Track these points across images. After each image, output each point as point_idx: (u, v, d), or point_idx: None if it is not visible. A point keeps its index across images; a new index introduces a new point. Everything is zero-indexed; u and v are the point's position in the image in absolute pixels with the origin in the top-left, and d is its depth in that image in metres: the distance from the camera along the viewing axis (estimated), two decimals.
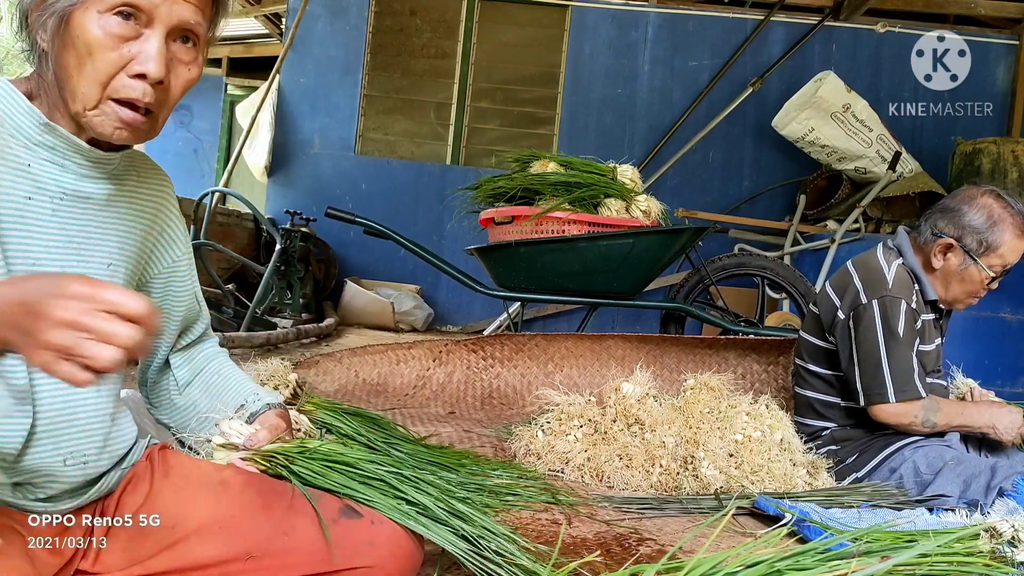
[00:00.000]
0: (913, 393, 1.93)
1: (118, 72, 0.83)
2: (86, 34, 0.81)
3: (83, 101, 0.84)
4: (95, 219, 0.92)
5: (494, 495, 1.68)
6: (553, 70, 6.27)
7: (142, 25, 0.83)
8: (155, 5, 0.83)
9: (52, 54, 0.84)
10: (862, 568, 0.90)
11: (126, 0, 0.81)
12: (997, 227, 1.95)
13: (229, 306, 4.24)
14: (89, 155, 0.89)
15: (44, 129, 0.86)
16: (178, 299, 1.11)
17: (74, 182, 0.89)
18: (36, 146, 0.86)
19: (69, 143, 0.87)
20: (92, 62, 0.82)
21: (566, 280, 3.38)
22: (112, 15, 0.81)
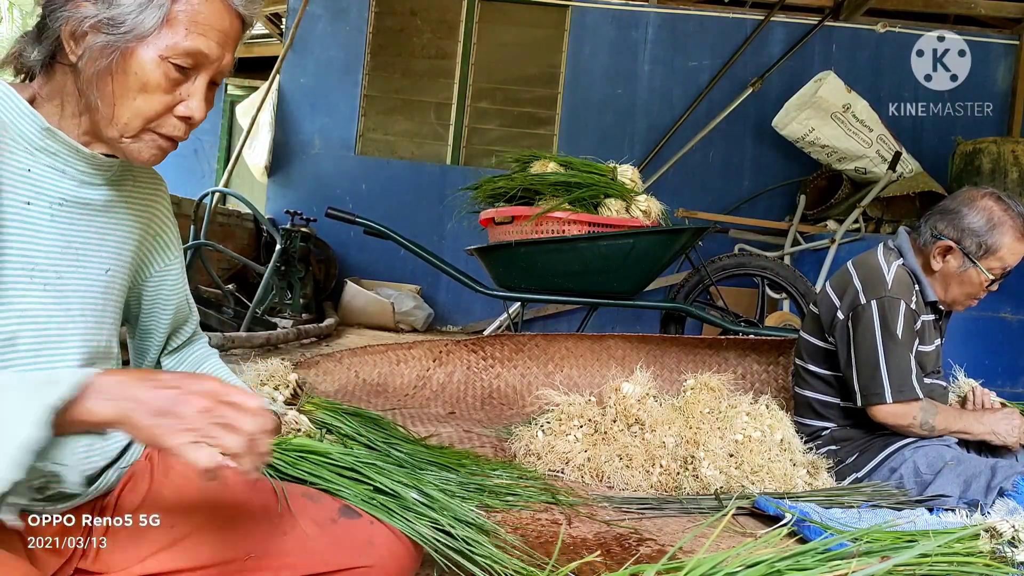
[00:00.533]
0: (910, 394, 1.93)
1: (167, 113, 0.87)
2: (145, 73, 0.84)
3: (122, 130, 0.86)
4: (93, 225, 0.92)
5: (494, 495, 1.68)
6: (553, 70, 6.27)
7: (191, 70, 0.87)
8: (216, 58, 0.88)
9: (90, 73, 0.84)
10: (862, 568, 0.90)
11: (194, 52, 0.85)
12: (997, 230, 1.94)
13: (229, 306, 4.24)
14: (91, 161, 0.89)
15: (45, 134, 0.86)
16: (169, 301, 1.11)
17: (74, 188, 0.89)
18: (37, 151, 0.86)
19: (70, 149, 0.87)
20: (144, 99, 0.85)
21: (566, 280, 3.38)
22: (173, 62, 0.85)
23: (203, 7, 0.85)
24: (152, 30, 0.83)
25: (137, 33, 0.83)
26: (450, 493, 1.22)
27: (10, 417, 0.66)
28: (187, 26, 0.84)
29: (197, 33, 0.85)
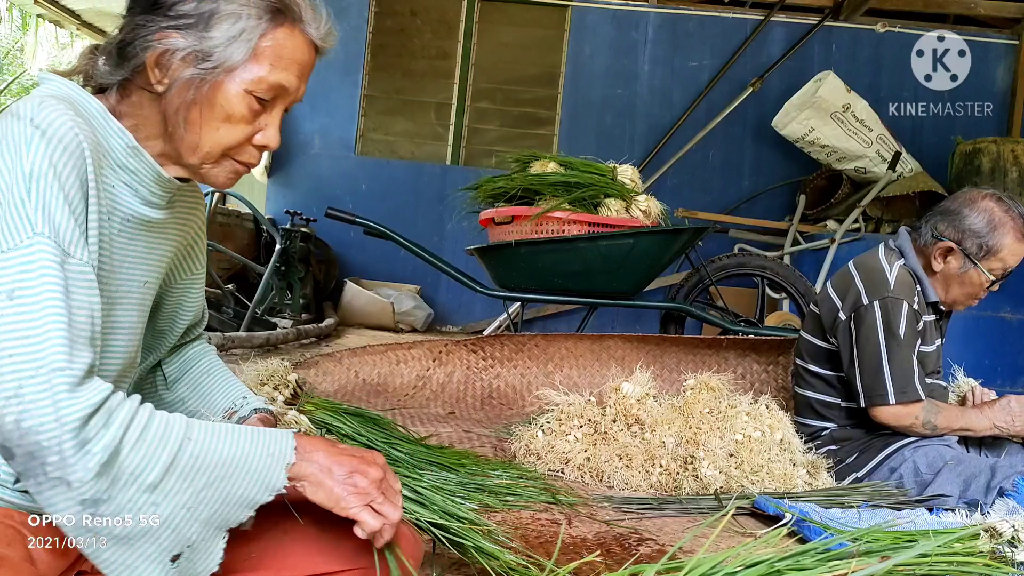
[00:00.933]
0: (913, 395, 1.93)
1: (246, 142, 0.91)
2: (231, 105, 0.87)
3: (203, 157, 0.89)
4: (145, 242, 0.93)
5: (494, 495, 1.68)
6: (553, 70, 6.27)
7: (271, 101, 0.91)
8: (295, 90, 0.92)
9: (177, 103, 0.87)
10: (862, 568, 0.90)
11: (277, 86, 0.89)
12: (998, 231, 1.95)
13: (229, 306, 4.24)
14: (164, 184, 0.91)
15: (131, 152, 0.87)
16: (191, 307, 1.13)
17: (140, 207, 0.90)
18: (120, 168, 0.87)
19: (150, 170, 0.89)
20: (227, 129, 0.88)
21: (566, 280, 3.38)
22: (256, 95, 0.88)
23: (287, 42, 0.89)
24: (239, 64, 0.86)
25: (225, 67, 0.86)
26: (448, 492, 1.22)
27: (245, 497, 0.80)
28: (272, 61, 0.88)
29: (280, 68, 0.89)
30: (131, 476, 0.73)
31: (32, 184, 0.74)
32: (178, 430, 0.77)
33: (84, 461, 0.70)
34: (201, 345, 1.19)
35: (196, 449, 0.77)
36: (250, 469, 0.80)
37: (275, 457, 0.82)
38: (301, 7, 0.90)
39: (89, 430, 0.70)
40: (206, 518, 0.78)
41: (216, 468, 0.78)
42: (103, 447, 0.71)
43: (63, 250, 0.75)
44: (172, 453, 0.75)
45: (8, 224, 0.73)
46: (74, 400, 0.70)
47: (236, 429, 0.82)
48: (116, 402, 0.74)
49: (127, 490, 0.72)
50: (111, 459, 0.71)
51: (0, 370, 0.69)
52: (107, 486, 0.71)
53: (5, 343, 0.70)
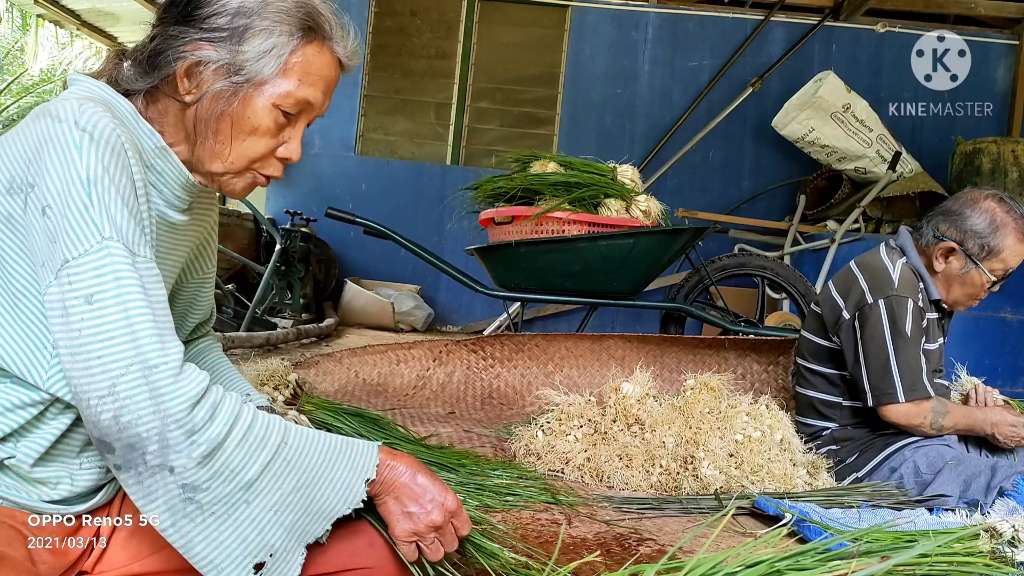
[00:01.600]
0: (922, 392, 1.93)
1: (269, 155, 0.93)
2: (257, 118, 0.89)
3: (227, 167, 0.91)
4: (164, 244, 0.94)
5: (494, 495, 1.68)
6: (553, 70, 6.27)
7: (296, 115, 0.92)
8: (320, 106, 0.94)
9: (205, 113, 0.88)
10: (862, 568, 0.90)
11: (304, 102, 0.91)
12: (999, 232, 1.94)
13: (229, 306, 4.24)
14: (188, 188, 0.92)
15: (159, 153, 0.89)
16: (200, 307, 1.14)
17: (163, 209, 0.91)
18: (147, 169, 0.88)
19: (177, 172, 0.90)
20: (253, 142, 0.90)
21: (566, 280, 3.38)
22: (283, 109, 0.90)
23: (316, 59, 0.91)
24: (269, 78, 0.88)
25: (256, 81, 0.87)
26: None
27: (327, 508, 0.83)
28: (300, 77, 0.90)
29: (308, 84, 0.90)
30: (231, 472, 0.76)
31: (91, 189, 0.76)
32: (277, 432, 0.80)
33: (190, 450, 0.73)
34: (208, 341, 1.20)
35: (290, 454, 0.80)
36: (334, 479, 0.84)
37: (357, 470, 0.86)
38: (332, 25, 0.92)
39: (197, 420, 0.73)
40: (290, 524, 0.80)
41: (305, 473, 0.81)
42: (208, 439, 0.74)
43: (131, 251, 0.77)
44: (270, 454, 0.79)
45: (74, 231, 0.75)
46: (177, 390, 0.73)
47: (326, 437, 0.85)
48: (219, 395, 0.77)
49: (225, 485, 0.75)
50: (214, 451, 0.74)
51: (91, 371, 0.72)
52: (208, 477, 0.74)
53: (91, 346, 0.72)
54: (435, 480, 0.91)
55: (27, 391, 0.82)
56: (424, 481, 0.90)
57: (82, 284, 0.73)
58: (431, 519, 0.89)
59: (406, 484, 0.89)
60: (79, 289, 0.73)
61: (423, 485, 0.90)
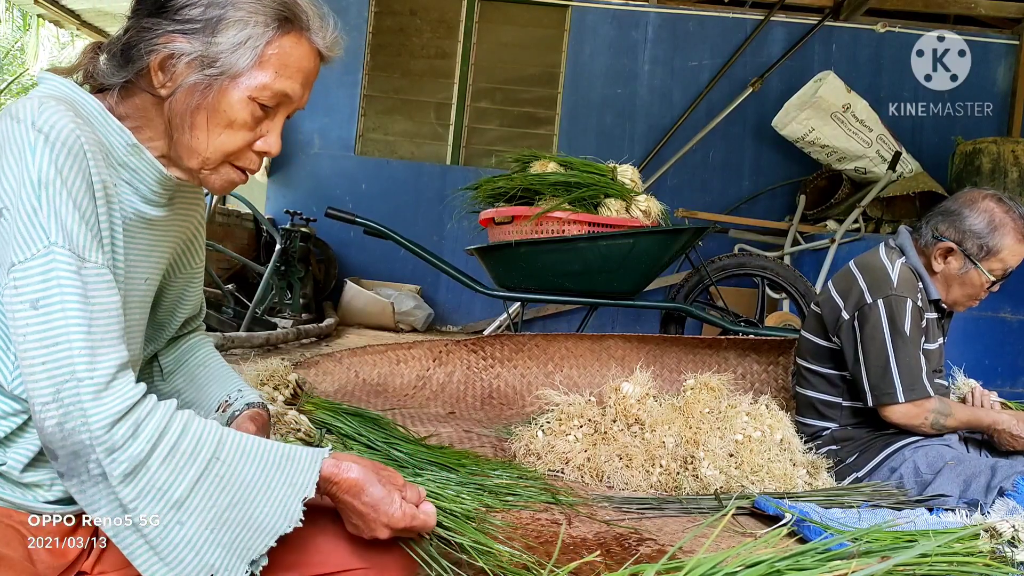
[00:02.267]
0: (922, 392, 1.93)
1: (247, 148, 0.90)
2: (234, 112, 0.87)
3: (203, 162, 0.89)
4: (146, 240, 0.94)
5: (494, 495, 1.68)
6: (553, 70, 6.27)
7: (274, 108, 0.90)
8: (298, 98, 0.91)
9: (179, 107, 0.86)
10: (862, 568, 0.90)
11: (281, 94, 0.88)
12: (998, 231, 1.94)
13: (229, 306, 4.23)
14: (165, 182, 0.91)
15: (131, 150, 0.87)
16: (189, 302, 1.13)
17: (141, 205, 0.90)
18: (120, 167, 0.87)
19: (152, 168, 0.89)
20: (229, 135, 0.88)
21: (566, 280, 3.38)
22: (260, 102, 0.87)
23: (293, 50, 0.88)
24: (244, 70, 0.86)
25: (230, 73, 0.85)
26: (444, 491, 1.22)
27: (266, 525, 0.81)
28: (277, 68, 0.87)
29: (285, 76, 0.88)
30: (158, 490, 0.74)
31: (42, 192, 0.75)
32: (209, 447, 0.78)
33: (111, 468, 0.72)
34: (198, 337, 1.19)
35: (223, 469, 0.78)
36: (271, 496, 0.81)
37: (295, 488, 0.83)
38: (309, 16, 0.90)
39: (116, 438, 0.72)
40: (228, 542, 0.79)
41: (240, 489, 0.79)
42: (129, 457, 0.73)
43: (78, 256, 0.76)
44: (200, 470, 0.77)
45: (22, 234, 0.74)
46: (98, 407, 0.72)
47: (265, 450, 0.83)
48: (146, 410, 0.76)
49: (154, 504, 0.74)
50: (136, 469, 0.73)
51: (36, 377, 0.72)
52: (134, 496, 0.73)
53: (37, 351, 0.72)
54: (385, 494, 0.88)
55: (10, 401, 0.83)
56: (370, 499, 0.87)
57: (27, 289, 0.73)
58: (374, 535, 0.89)
59: (349, 502, 0.87)
60: (25, 294, 0.73)
61: (368, 503, 0.87)
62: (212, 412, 1.10)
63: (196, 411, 1.07)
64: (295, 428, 1.83)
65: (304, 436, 1.81)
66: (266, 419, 1.11)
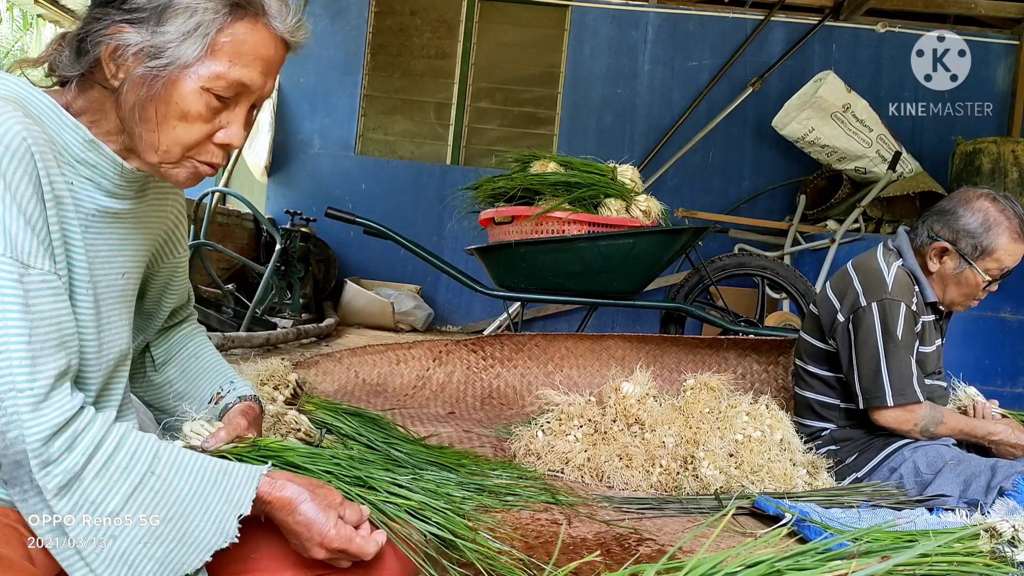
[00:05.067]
0: (911, 397, 1.92)
1: (206, 140, 0.87)
2: (186, 103, 0.83)
3: (162, 156, 0.86)
4: (116, 234, 0.93)
5: (494, 495, 1.68)
6: (553, 70, 6.27)
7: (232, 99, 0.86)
8: (258, 88, 0.87)
9: (131, 100, 0.84)
10: (862, 568, 0.90)
11: (236, 83, 0.84)
12: (992, 231, 1.93)
13: (229, 306, 4.23)
14: (127, 176, 0.90)
15: (88, 146, 0.86)
16: (175, 290, 1.13)
17: (104, 200, 0.89)
18: (78, 163, 0.86)
19: (111, 162, 0.87)
20: (184, 128, 0.84)
21: (566, 280, 3.38)
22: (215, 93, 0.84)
23: (248, 37, 0.84)
24: (195, 60, 0.82)
25: (179, 64, 0.82)
26: (440, 493, 1.22)
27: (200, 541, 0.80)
28: (231, 57, 0.83)
29: (241, 64, 0.84)
30: (92, 504, 0.75)
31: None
32: (144, 461, 0.78)
33: (45, 481, 0.72)
34: (190, 327, 1.19)
35: (158, 483, 0.78)
36: (207, 511, 0.81)
37: (231, 504, 0.83)
38: (266, 1, 0.86)
39: (52, 451, 0.72)
40: (162, 556, 0.78)
41: (175, 504, 0.79)
42: (63, 470, 0.73)
43: (21, 263, 0.75)
44: (133, 485, 0.77)
45: None
46: (36, 420, 0.72)
47: (202, 465, 0.83)
48: (83, 424, 0.75)
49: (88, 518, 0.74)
50: (71, 482, 0.73)
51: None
52: (68, 509, 0.73)
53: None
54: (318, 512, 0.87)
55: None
56: (303, 518, 0.86)
57: None
58: (310, 555, 0.88)
59: (283, 520, 0.87)
60: None
61: (302, 522, 0.86)
62: (205, 404, 1.10)
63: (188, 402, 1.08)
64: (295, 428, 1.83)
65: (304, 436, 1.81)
66: (258, 412, 1.11)
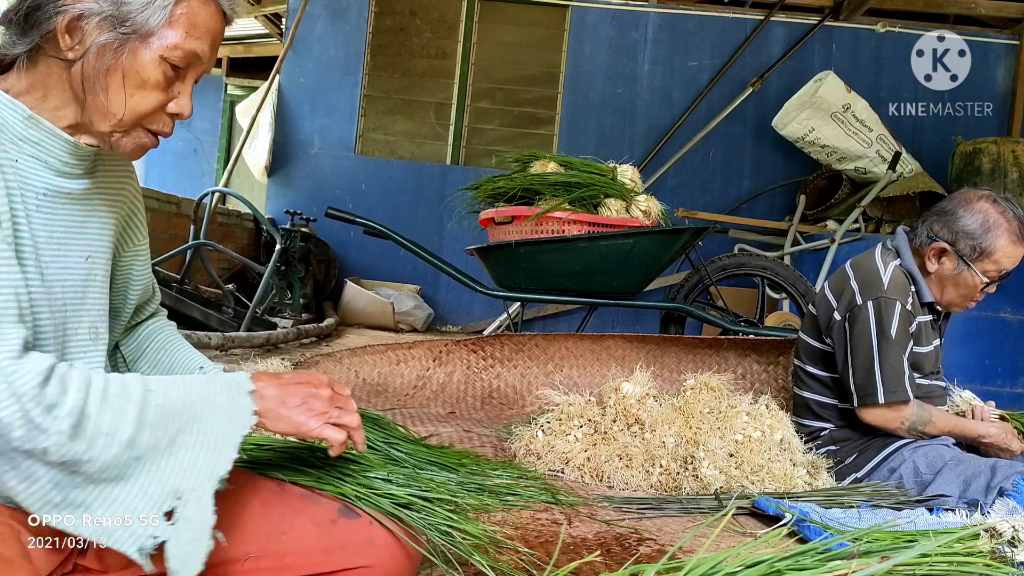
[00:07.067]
0: (902, 395, 1.92)
1: (159, 110, 0.90)
2: (145, 71, 0.87)
3: (115, 125, 0.88)
4: (73, 214, 0.92)
5: (494, 495, 1.68)
6: (553, 70, 6.27)
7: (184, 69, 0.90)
8: (208, 59, 0.92)
9: (90, 69, 0.85)
10: (862, 568, 0.90)
11: (192, 53, 0.88)
12: (991, 232, 1.93)
13: (229, 306, 4.23)
14: (73, 151, 0.90)
15: (28, 123, 0.86)
16: (139, 281, 1.11)
17: (55, 179, 0.89)
18: (21, 141, 0.86)
19: (54, 137, 0.88)
20: (141, 96, 0.88)
21: (566, 280, 3.38)
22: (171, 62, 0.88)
23: (201, 11, 0.88)
24: (155, 29, 0.86)
25: (142, 32, 0.85)
26: (437, 496, 1.21)
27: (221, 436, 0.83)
28: (187, 28, 0.87)
29: (194, 36, 0.88)
30: (107, 435, 0.75)
31: None
32: (137, 385, 0.80)
33: (56, 424, 0.72)
34: (156, 323, 1.18)
35: (160, 398, 0.80)
36: (216, 405, 0.84)
37: (234, 388, 0.86)
38: None
39: (50, 394, 0.73)
40: (189, 464, 0.80)
41: (184, 412, 0.81)
42: (68, 410, 0.73)
43: None
44: (138, 406, 0.78)
45: None
46: (21, 369, 0.72)
47: (189, 377, 0.86)
48: (64, 369, 0.76)
49: (108, 449, 0.75)
50: (80, 421, 0.73)
51: None
52: (85, 447, 0.74)
53: None
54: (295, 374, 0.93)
55: None
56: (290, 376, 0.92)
57: None
58: (322, 395, 0.92)
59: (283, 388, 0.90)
60: None
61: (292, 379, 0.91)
62: None
63: None
64: None
65: None
66: None
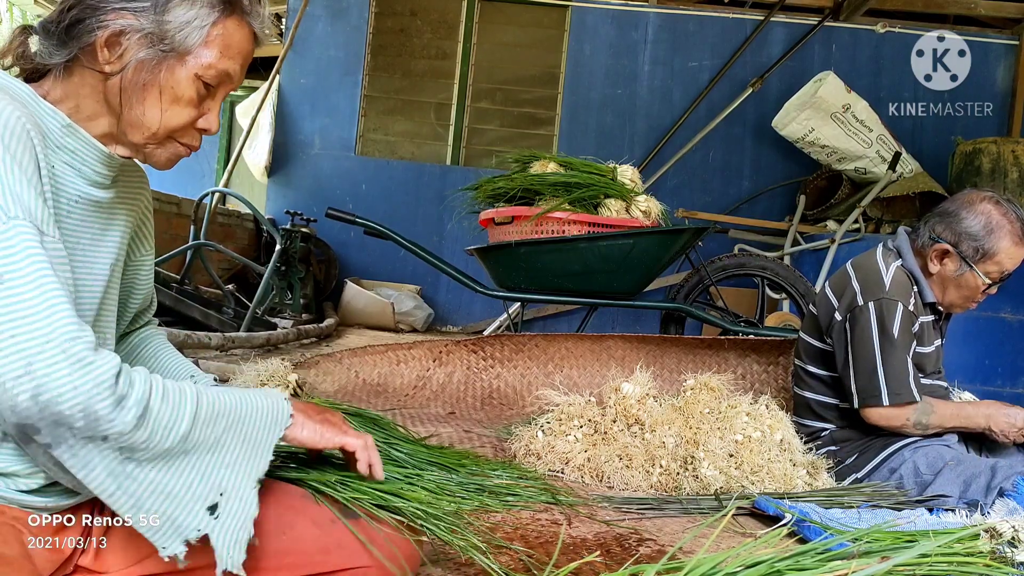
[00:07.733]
0: (907, 397, 1.92)
1: (190, 125, 0.94)
2: (180, 88, 0.90)
3: (149, 137, 0.91)
4: (99, 222, 0.94)
5: (494, 495, 1.68)
6: (553, 70, 6.27)
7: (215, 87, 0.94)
8: (238, 79, 0.96)
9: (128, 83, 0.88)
10: (862, 568, 0.90)
11: (224, 73, 0.92)
12: (994, 234, 1.93)
13: (229, 306, 4.23)
14: (106, 161, 0.92)
15: (67, 131, 0.88)
16: (140, 290, 1.12)
17: (86, 187, 0.91)
18: (59, 149, 0.88)
19: (89, 146, 0.90)
20: (175, 112, 0.91)
21: (566, 280, 3.38)
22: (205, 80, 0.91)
23: (236, 33, 0.92)
24: (193, 49, 0.89)
25: (179, 51, 0.89)
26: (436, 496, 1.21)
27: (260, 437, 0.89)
28: (221, 49, 0.91)
29: (228, 56, 0.92)
30: (165, 428, 0.78)
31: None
32: (189, 387, 0.84)
33: (122, 415, 0.74)
34: (147, 331, 1.19)
35: (210, 400, 0.84)
36: (259, 409, 0.89)
37: (273, 397, 0.93)
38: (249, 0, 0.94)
39: (122, 387, 0.75)
40: (232, 461, 0.85)
41: (230, 413, 0.86)
42: (135, 401, 0.75)
43: (39, 230, 0.76)
44: (194, 405, 0.82)
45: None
46: (101, 361, 0.74)
47: (230, 389, 0.91)
48: (127, 366, 0.79)
49: (164, 441, 0.78)
50: (145, 412, 0.76)
51: (3, 352, 0.70)
52: (146, 437, 0.76)
53: (4, 326, 0.71)
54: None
55: None
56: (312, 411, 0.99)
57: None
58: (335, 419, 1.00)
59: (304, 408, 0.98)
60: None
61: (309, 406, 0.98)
62: None
63: None
64: None
65: None
66: None
